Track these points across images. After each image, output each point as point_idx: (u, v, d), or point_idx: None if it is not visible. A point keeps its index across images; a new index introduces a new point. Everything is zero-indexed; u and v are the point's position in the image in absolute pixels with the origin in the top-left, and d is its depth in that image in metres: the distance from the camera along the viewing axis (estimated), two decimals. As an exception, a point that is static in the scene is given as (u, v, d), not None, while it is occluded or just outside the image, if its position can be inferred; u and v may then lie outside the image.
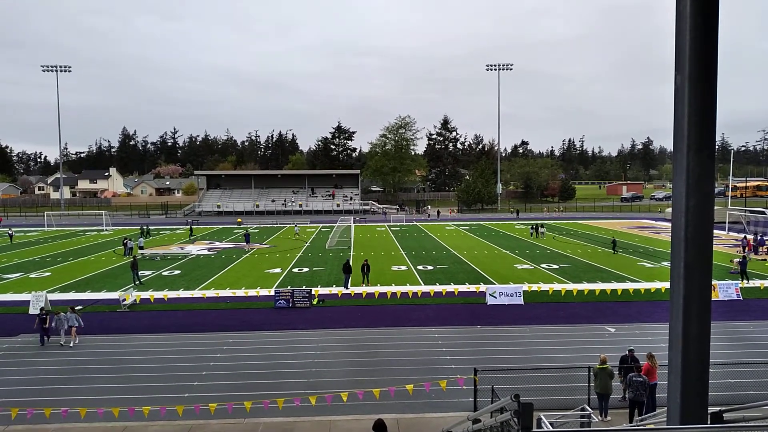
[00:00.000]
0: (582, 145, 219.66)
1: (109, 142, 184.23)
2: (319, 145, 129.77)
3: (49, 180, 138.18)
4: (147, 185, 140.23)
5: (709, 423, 4.01)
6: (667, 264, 33.70)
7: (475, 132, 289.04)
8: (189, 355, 18.65)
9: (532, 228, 54.25)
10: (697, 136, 3.35)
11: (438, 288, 28.41)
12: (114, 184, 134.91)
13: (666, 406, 3.81)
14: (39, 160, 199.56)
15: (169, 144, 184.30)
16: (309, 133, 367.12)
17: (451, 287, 28.03)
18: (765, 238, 41.28)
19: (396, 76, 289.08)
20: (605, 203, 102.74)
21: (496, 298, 25.24)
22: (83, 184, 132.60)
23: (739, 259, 31.23)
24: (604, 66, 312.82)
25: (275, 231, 61.45)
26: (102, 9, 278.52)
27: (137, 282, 30.37)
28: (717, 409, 5.57)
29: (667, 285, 24.22)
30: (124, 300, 25.24)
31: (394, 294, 26.53)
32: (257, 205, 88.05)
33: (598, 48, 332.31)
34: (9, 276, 33.47)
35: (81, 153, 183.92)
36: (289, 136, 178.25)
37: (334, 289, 28.30)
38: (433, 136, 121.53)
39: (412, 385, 14.31)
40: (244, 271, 34.97)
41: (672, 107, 3.46)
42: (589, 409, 12.26)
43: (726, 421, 5.55)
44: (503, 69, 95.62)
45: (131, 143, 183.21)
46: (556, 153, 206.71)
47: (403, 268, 35.22)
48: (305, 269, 35.28)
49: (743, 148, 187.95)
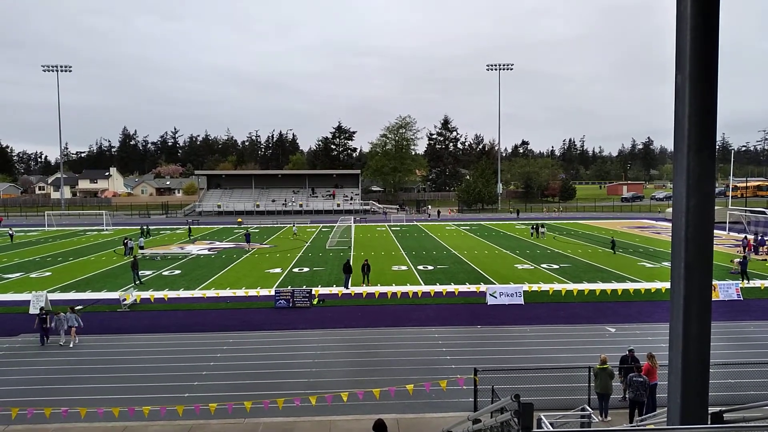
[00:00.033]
0: (582, 145, 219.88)
1: (109, 142, 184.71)
2: (319, 145, 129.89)
3: (50, 180, 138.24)
4: (147, 185, 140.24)
5: (709, 423, 4.01)
6: (667, 264, 33.69)
7: (476, 132, 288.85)
8: (189, 355, 18.66)
9: (533, 228, 54.24)
10: (698, 136, 3.35)
11: (438, 288, 28.41)
12: (114, 184, 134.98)
13: (666, 407, 3.80)
14: (39, 160, 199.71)
15: (169, 144, 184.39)
16: (309, 133, 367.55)
17: (451, 287, 28.04)
18: (765, 238, 41.27)
19: (396, 76, 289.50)
20: (606, 203, 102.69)
21: (496, 298, 25.24)
22: (84, 184, 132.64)
23: (739, 259, 31.23)
24: (604, 66, 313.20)
25: (275, 231, 61.46)
26: (102, 9, 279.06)
27: (137, 282, 30.39)
28: (717, 409, 5.57)
29: (667, 285, 24.24)
30: (125, 300, 25.25)
31: (394, 294, 26.53)
32: (258, 205, 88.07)
33: (598, 48, 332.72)
34: (9, 276, 33.49)
35: (81, 153, 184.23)
36: (290, 136, 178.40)
37: (335, 289, 28.30)
38: (434, 136, 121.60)
39: (412, 385, 14.31)
40: (244, 271, 34.98)
41: (672, 107, 3.46)
42: (590, 409, 12.25)
43: (726, 422, 5.55)
44: (503, 69, 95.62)
45: (132, 143, 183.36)
46: (557, 153, 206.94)
47: (404, 268, 35.23)
48: (305, 269, 35.29)
49: (744, 148, 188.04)
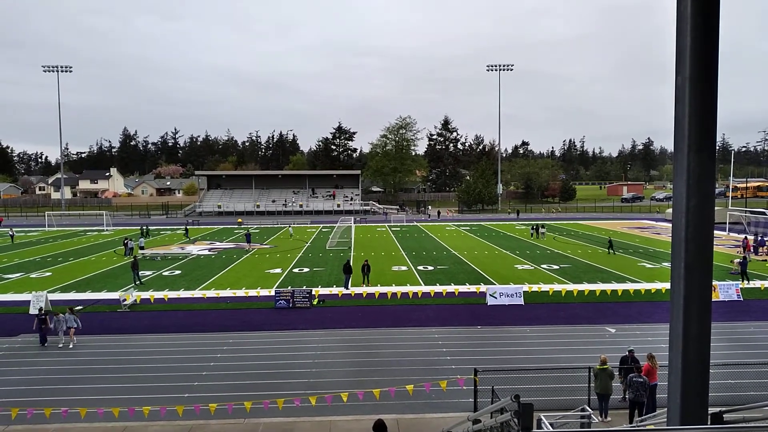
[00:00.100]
0: (582, 146, 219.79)
1: (109, 142, 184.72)
2: (319, 145, 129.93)
3: (50, 180, 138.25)
4: (148, 185, 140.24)
5: (709, 424, 4.01)
6: (667, 264, 33.68)
7: (476, 132, 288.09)
8: (189, 355, 18.66)
9: (533, 228, 54.23)
10: (698, 137, 3.34)
11: (438, 288, 28.41)
12: (115, 184, 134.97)
13: (666, 407, 3.80)
14: (40, 160, 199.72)
15: (169, 144, 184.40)
16: (309, 134, 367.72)
17: (451, 288, 28.04)
18: (765, 239, 41.27)
19: (396, 76, 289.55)
20: (606, 204, 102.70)
21: (496, 298, 25.24)
22: (84, 185, 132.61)
23: (739, 259, 31.23)
24: (604, 66, 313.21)
25: (276, 231, 61.46)
26: (102, 9, 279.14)
27: (138, 282, 30.39)
28: (717, 409, 5.57)
29: (667, 285, 24.24)
30: (125, 300, 25.25)
31: (394, 294, 26.52)
32: (258, 206, 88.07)
33: (598, 48, 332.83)
34: (9, 276, 33.49)
35: (82, 153, 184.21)
36: (290, 137, 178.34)
37: (335, 290, 28.30)
38: (434, 137, 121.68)
39: (412, 385, 14.31)
40: (244, 271, 34.98)
41: (672, 107, 3.46)
42: (590, 409, 12.25)
43: (726, 422, 5.55)
44: (503, 69, 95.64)
45: (132, 143, 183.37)
46: (557, 153, 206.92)
47: (404, 268, 35.23)
48: (306, 269, 35.29)
49: (744, 149, 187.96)
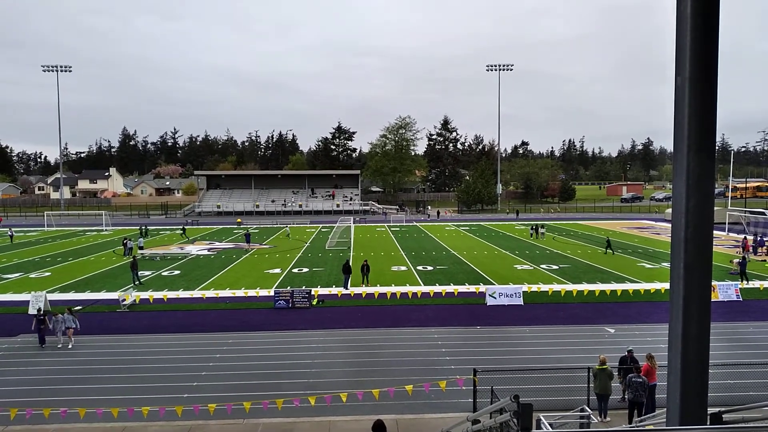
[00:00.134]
0: (582, 146, 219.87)
1: (109, 142, 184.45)
2: (319, 145, 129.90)
3: (49, 180, 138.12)
4: (147, 185, 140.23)
5: (708, 424, 4.00)
6: (666, 265, 33.69)
7: (476, 132, 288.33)
8: (188, 355, 18.65)
9: (532, 228, 54.26)
10: (698, 137, 3.34)
11: (438, 288, 28.41)
12: (114, 184, 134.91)
13: (665, 407, 3.80)
14: (39, 160, 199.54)
15: (169, 144, 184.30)
16: (309, 134, 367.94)
17: (450, 288, 28.04)
18: (765, 239, 41.30)
19: (396, 76, 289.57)
20: (605, 204, 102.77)
21: (495, 298, 25.23)
22: (83, 184, 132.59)
23: (738, 259, 31.26)
24: (604, 66, 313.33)
25: (275, 231, 61.45)
26: (102, 9, 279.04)
27: (137, 282, 30.37)
28: (716, 409, 5.57)
29: (666, 286, 24.19)
30: (124, 300, 25.23)
31: (393, 294, 26.51)
32: (257, 206, 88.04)
33: (598, 48, 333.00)
34: (9, 276, 33.46)
35: (81, 153, 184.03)
36: (289, 137, 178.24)
37: (334, 290, 28.29)
38: (433, 137, 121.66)
39: (411, 385, 14.31)
40: (243, 271, 34.96)
41: (672, 108, 3.45)
42: (589, 409, 12.24)
43: (725, 422, 5.55)
44: (503, 69, 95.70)
45: (131, 143, 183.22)
46: (556, 153, 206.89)
47: (403, 268, 35.22)
48: (305, 269, 35.28)
49: (743, 149, 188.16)
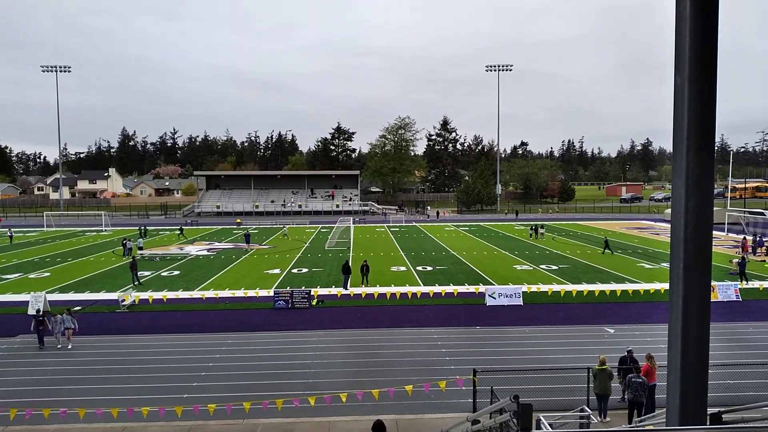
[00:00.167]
0: (581, 146, 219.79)
1: (108, 142, 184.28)
2: (318, 145, 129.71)
3: (49, 180, 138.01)
4: (146, 186, 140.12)
5: (708, 424, 4.00)
6: (666, 265, 33.71)
7: (475, 133, 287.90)
8: (188, 355, 18.65)
9: (532, 229, 54.28)
10: (697, 137, 3.34)
11: (437, 289, 28.41)
12: (113, 184, 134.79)
13: (665, 407, 3.80)
14: (38, 160, 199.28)
15: (168, 144, 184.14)
16: (309, 134, 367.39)
17: (450, 288, 28.04)
18: (764, 239, 41.32)
19: (396, 76, 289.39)
20: (604, 204, 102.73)
21: (495, 298, 25.24)
22: (82, 185, 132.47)
23: (738, 260, 31.27)
24: (604, 66, 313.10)
25: (275, 231, 61.43)
26: (102, 9, 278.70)
27: (136, 282, 30.36)
28: (716, 410, 5.57)
29: (666, 286, 24.24)
30: (123, 300, 25.22)
31: (393, 295, 26.50)
32: (257, 206, 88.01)
33: (598, 48, 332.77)
34: (8, 276, 33.44)
35: (80, 153, 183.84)
36: (289, 137, 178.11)
37: (334, 290, 28.29)
38: (433, 137, 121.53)
39: (411, 385, 14.31)
40: (243, 271, 34.95)
41: (672, 108, 3.46)
42: (589, 410, 12.24)
43: (725, 422, 5.55)
44: (503, 70, 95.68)
45: (131, 144, 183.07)
46: (556, 154, 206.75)
47: (403, 268, 35.22)
48: (304, 270, 35.27)
49: (743, 149, 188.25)
